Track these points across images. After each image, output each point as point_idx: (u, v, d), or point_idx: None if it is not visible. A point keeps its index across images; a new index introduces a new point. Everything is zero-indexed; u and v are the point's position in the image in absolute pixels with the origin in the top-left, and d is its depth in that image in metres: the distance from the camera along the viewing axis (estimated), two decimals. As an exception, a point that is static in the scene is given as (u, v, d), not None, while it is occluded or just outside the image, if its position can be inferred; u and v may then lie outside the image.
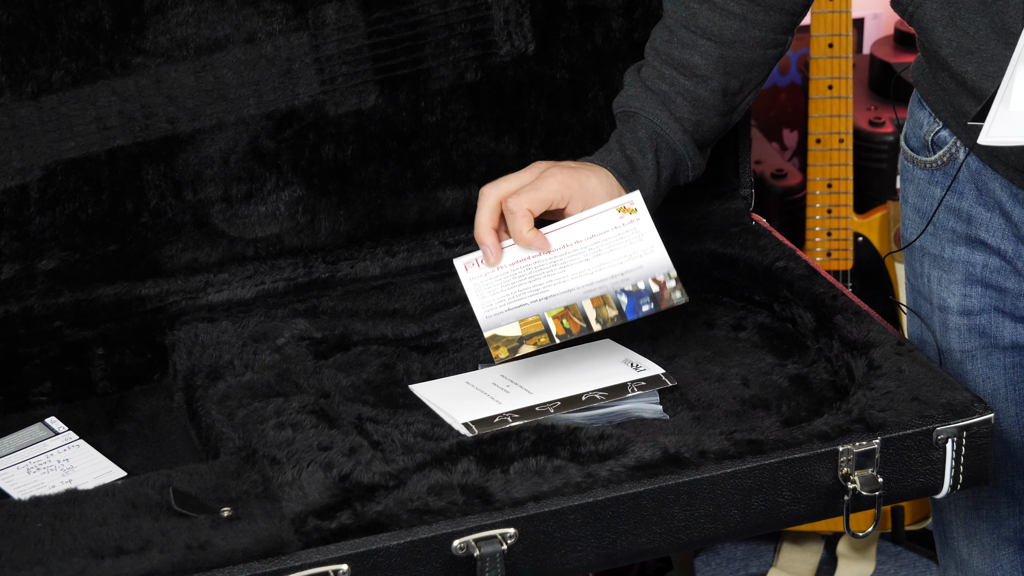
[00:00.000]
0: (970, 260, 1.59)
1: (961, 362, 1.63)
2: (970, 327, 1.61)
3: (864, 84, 2.79)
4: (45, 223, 1.61)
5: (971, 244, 1.59)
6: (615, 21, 1.73)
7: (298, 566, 1.26)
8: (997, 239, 1.57)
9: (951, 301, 1.62)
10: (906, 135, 1.64)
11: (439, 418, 1.49)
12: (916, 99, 1.62)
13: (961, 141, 1.55)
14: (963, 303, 1.61)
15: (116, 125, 1.61)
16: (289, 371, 1.55)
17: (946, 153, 1.58)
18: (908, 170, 1.65)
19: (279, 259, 1.70)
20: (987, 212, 1.56)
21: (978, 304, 1.60)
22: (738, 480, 1.36)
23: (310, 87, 1.66)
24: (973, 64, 1.44)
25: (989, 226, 1.57)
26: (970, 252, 1.59)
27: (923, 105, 1.60)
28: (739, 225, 1.77)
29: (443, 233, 1.74)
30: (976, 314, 1.61)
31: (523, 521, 1.31)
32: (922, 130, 1.60)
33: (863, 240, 2.67)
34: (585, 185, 1.51)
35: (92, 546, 1.29)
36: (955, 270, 1.61)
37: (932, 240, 1.62)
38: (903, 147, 1.65)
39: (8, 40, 1.55)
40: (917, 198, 1.64)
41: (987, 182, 1.55)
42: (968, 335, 1.62)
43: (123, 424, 1.58)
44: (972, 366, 1.62)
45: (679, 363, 1.59)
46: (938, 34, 1.46)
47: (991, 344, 1.61)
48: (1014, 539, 1.67)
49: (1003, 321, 1.60)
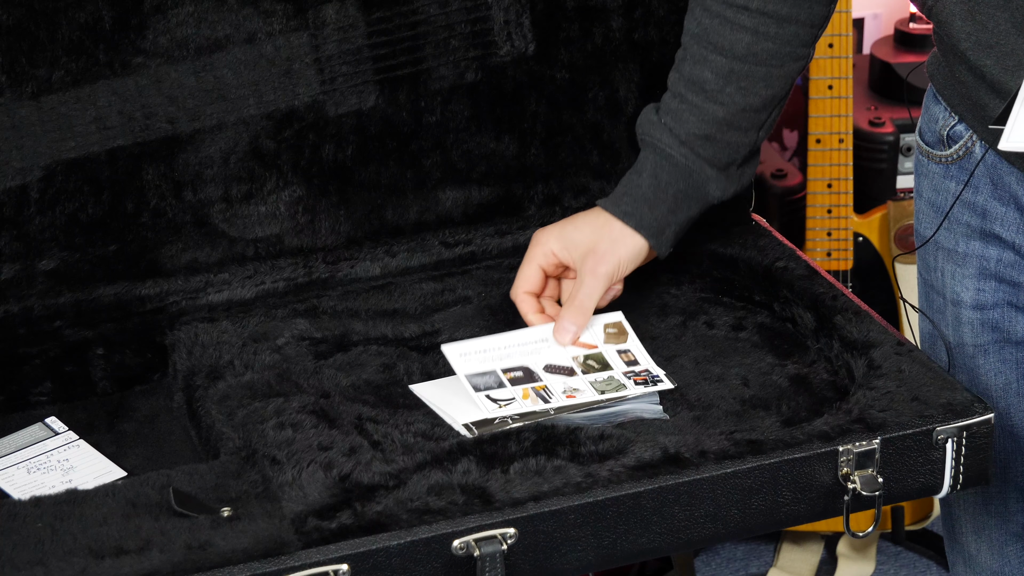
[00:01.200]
0: (984, 254, 1.59)
1: (974, 356, 1.63)
2: (983, 321, 1.61)
3: (864, 84, 2.79)
4: (45, 223, 1.61)
5: (985, 238, 1.59)
6: (615, 21, 1.73)
7: (298, 566, 1.26)
8: (1012, 233, 1.57)
9: (964, 295, 1.62)
10: (920, 130, 1.64)
11: (439, 418, 1.49)
12: (931, 94, 1.62)
13: (978, 136, 1.55)
14: (977, 297, 1.61)
15: (116, 125, 1.61)
16: (289, 371, 1.55)
17: (961, 147, 1.58)
18: (923, 165, 1.64)
19: (279, 259, 1.70)
20: (1002, 206, 1.56)
21: (992, 298, 1.60)
22: (738, 480, 1.36)
23: (310, 87, 1.66)
24: (992, 58, 1.44)
25: (1004, 220, 1.57)
26: (984, 246, 1.59)
27: (938, 100, 1.60)
28: (739, 225, 1.77)
29: (443, 233, 1.74)
30: (989, 308, 1.61)
31: (523, 521, 1.31)
32: (937, 125, 1.60)
33: (863, 240, 2.67)
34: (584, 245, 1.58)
35: (92, 546, 1.29)
36: (969, 264, 1.61)
37: (946, 234, 1.62)
38: (917, 142, 1.64)
39: (8, 40, 1.55)
40: (932, 192, 1.63)
41: (1002, 176, 1.55)
42: (981, 329, 1.62)
43: (123, 424, 1.58)
44: (984, 360, 1.62)
45: (679, 363, 1.59)
46: (957, 28, 1.46)
47: (1004, 339, 1.61)
48: (1023, 535, 1.67)
49: (1016, 316, 1.60)
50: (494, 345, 1.56)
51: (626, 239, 1.57)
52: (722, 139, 1.57)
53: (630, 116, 1.75)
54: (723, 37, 1.54)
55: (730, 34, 1.54)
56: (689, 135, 1.56)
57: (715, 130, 1.57)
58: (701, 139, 1.56)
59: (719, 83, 1.55)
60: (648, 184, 1.57)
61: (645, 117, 1.60)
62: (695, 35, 1.56)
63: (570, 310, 1.56)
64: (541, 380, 1.53)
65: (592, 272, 1.56)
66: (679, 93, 1.57)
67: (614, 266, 1.56)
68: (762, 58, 1.55)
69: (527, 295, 1.58)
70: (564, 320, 1.56)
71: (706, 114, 1.56)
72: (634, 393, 1.51)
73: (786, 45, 1.55)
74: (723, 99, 1.56)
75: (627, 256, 1.57)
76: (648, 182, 1.57)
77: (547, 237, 1.58)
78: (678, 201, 1.58)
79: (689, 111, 1.56)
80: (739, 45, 1.54)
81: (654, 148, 1.58)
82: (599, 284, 1.56)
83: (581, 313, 1.55)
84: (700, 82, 1.56)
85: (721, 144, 1.57)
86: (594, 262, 1.56)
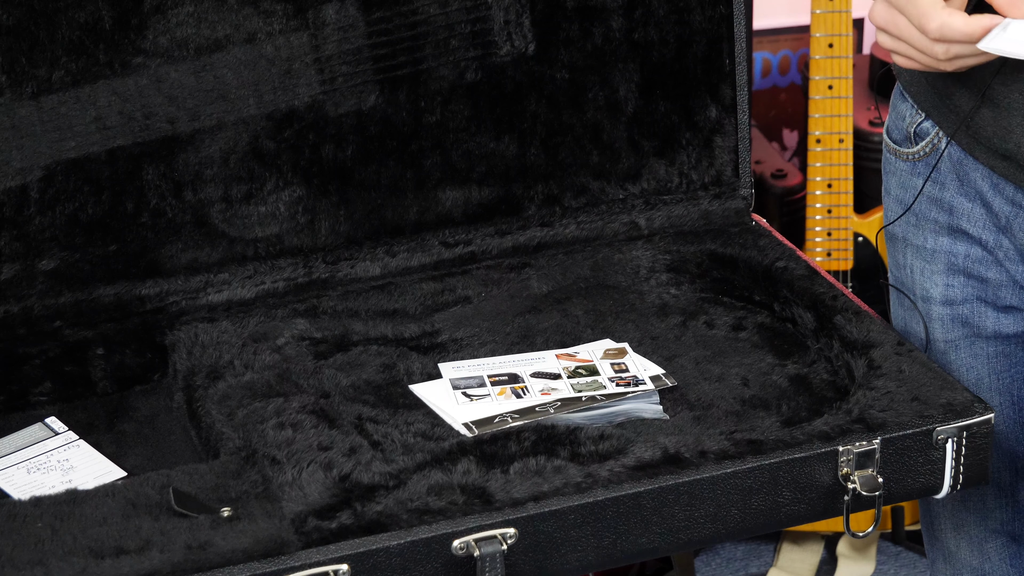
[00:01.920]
0: (952, 250, 1.60)
1: (945, 352, 1.63)
2: (953, 317, 1.62)
3: (864, 84, 2.79)
4: (45, 223, 1.61)
5: (953, 234, 1.59)
6: (615, 21, 1.73)
7: (298, 566, 1.26)
8: (979, 229, 1.57)
9: (934, 291, 1.62)
10: (888, 128, 1.64)
11: (439, 418, 1.49)
12: (898, 91, 1.62)
13: (943, 130, 1.56)
14: (946, 293, 1.61)
15: (116, 125, 1.61)
16: (289, 371, 1.55)
17: (928, 144, 1.58)
18: (890, 163, 1.65)
19: (279, 259, 1.70)
20: (968, 203, 1.57)
21: (960, 294, 1.61)
22: (738, 480, 1.36)
23: (310, 87, 1.66)
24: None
25: (971, 216, 1.57)
26: (952, 242, 1.60)
27: (905, 97, 1.60)
28: (739, 225, 1.77)
29: (443, 233, 1.74)
30: (959, 304, 1.61)
31: (523, 521, 1.31)
32: (904, 122, 1.60)
33: (863, 240, 2.67)
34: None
35: (92, 546, 1.29)
36: (937, 260, 1.61)
37: (914, 231, 1.63)
38: (885, 140, 1.65)
39: (8, 40, 1.55)
40: (899, 190, 1.64)
41: (968, 172, 1.55)
42: (951, 325, 1.62)
43: (123, 424, 1.58)
44: (956, 356, 1.63)
45: (679, 363, 1.59)
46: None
47: (974, 334, 1.61)
48: (1002, 531, 1.68)
49: (985, 311, 1.60)
50: (489, 361, 1.57)
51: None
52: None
53: (630, 116, 1.75)
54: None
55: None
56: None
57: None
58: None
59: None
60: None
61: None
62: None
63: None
64: (523, 381, 1.53)
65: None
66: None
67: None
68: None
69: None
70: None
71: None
72: (611, 391, 1.51)
73: None
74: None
75: None
76: None
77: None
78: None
79: None
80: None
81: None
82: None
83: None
84: None
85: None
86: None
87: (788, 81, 2.99)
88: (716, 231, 1.75)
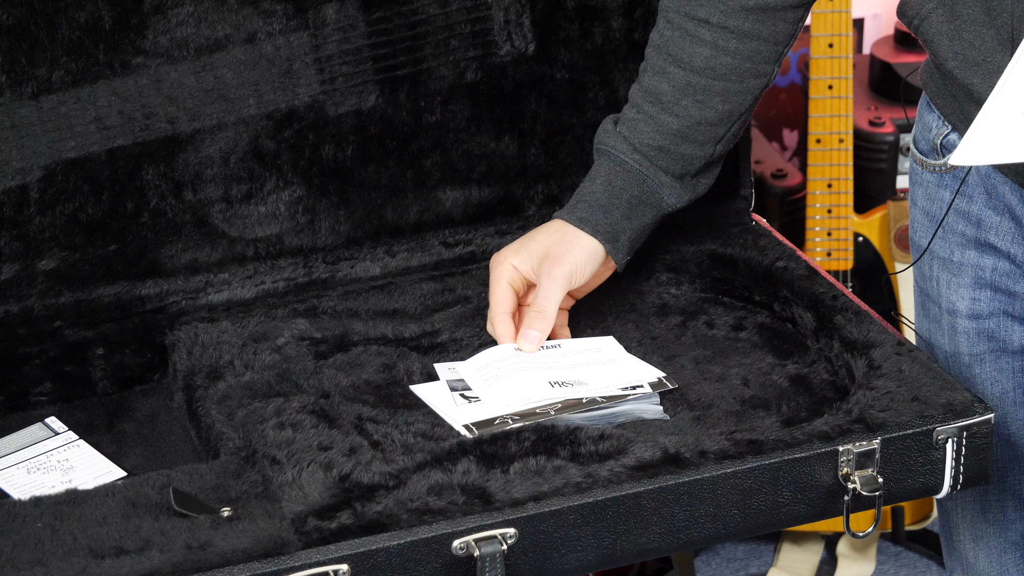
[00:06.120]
0: (979, 264, 1.59)
1: (970, 366, 1.63)
2: (979, 331, 1.61)
3: (864, 84, 2.79)
4: (45, 223, 1.61)
5: (980, 248, 1.59)
6: (615, 21, 1.73)
7: (298, 566, 1.26)
8: (1007, 243, 1.56)
9: (960, 305, 1.62)
10: (915, 138, 1.64)
11: (439, 418, 1.49)
12: (925, 102, 1.61)
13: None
14: (972, 307, 1.61)
15: (116, 125, 1.61)
16: (289, 371, 1.55)
17: None
18: (917, 173, 1.64)
19: (279, 259, 1.70)
20: (997, 216, 1.56)
21: (987, 308, 1.60)
22: (738, 480, 1.36)
23: (310, 87, 1.66)
24: (979, 76, 1.44)
25: (999, 230, 1.57)
26: (979, 256, 1.59)
27: (932, 108, 1.59)
28: (739, 225, 1.77)
29: (443, 233, 1.74)
30: (985, 318, 1.61)
31: (523, 521, 1.31)
32: (931, 134, 1.60)
33: (863, 240, 2.67)
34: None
35: (92, 546, 1.29)
36: (964, 274, 1.61)
37: (941, 244, 1.62)
38: (912, 150, 1.64)
39: (8, 40, 1.55)
40: (926, 201, 1.63)
41: (997, 186, 1.55)
42: (977, 339, 1.62)
43: (123, 424, 1.58)
44: (981, 370, 1.62)
45: (679, 363, 1.59)
46: (944, 47, 1.46)
47: (1000, 348, 1.61)
48: (1021, 543, 1.67)
49: (1012, 325, 1.60)
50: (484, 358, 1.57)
51: (581, 241, 1.56)
52: (676, 151, 1.57)
53: (630, 116, 1.75)
54: (683, 49, 1.54)
55: (689, 47, 1.54)
56: (643, 144, 1.56)
57: (669, 142, 1.56)
58: (655, 149, 1.56)
59: (675, 95, 1.55)
60: (602, 190, 1.57)
61: (602, 128, 1.60)
62: (656, 46, 1.57)
63: (530, 316, 1.55)
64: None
65: (549, 275, 1.55)
66: (636, 103, 1.57)
67: (570, 268, 1.55)
68: (720, 72, 1.54)
69: (503, 317, 1.57)
70: (526, 327, 1.55)
71: (661, 125, 1.56)
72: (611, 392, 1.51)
73: (746, 61, 1.54)
74: (678, 111, 1.56)
75: (582, 258, 1.56)
76: (602, 188, 1.57)
77: (505, 254, 1.58)
78: (632, 207, 1.58)
79: (644, 121, 1.56)
80: (697, 58, 1.54)
81: (608, 155, 1.58)
82: (556, 286, 1.55)
83: (542, 318, 1.55)
84: (657, 93, 1.56)
85: (675, 155, 1.57)
86: (550, 265, 1.55)
87: (788, 81, 2.99)
88: (716, 231, 1.75)
